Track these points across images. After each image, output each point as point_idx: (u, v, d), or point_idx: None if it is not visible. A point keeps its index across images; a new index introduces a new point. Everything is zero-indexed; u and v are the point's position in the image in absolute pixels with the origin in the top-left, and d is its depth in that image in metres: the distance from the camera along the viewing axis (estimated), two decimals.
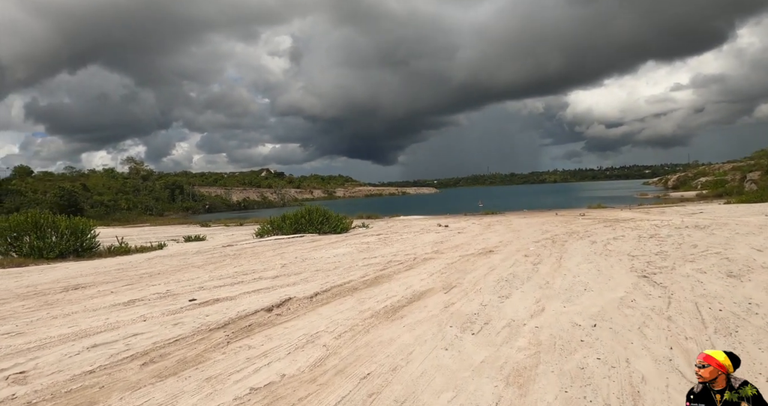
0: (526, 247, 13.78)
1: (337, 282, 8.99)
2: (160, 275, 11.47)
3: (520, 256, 11.83)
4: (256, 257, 14.06)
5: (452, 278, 8.89)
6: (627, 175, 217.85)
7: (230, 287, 9.10)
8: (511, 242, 15.51)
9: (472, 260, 11.39)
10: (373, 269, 10.46)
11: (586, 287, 7.77)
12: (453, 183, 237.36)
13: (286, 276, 10.14)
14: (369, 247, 15.65)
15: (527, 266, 10.19)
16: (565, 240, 15.12)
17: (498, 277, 8.87)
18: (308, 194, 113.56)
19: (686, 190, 64.83)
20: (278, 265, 12.01)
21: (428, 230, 22.37)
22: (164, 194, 64.12)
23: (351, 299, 7.50)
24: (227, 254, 15.60)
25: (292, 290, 8.38)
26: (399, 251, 13.92)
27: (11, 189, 52.24)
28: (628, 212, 29.16)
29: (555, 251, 12.41)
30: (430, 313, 6.37)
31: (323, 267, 11.27)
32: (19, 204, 49.04)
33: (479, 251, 12.98)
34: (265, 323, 6.31)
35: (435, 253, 13.22)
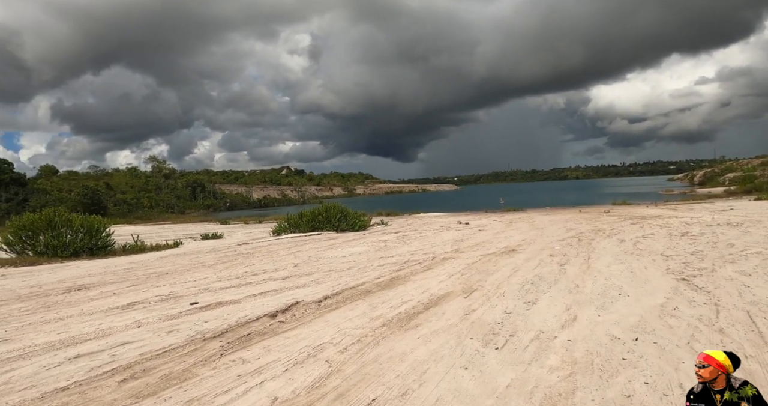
0: (550, 246, 12.99)
1: (350, 284, 8.36)
2: (168, 275, 10.99)
3: (545, 255, 11.07)
4: (269, 256, 13.53)
5: (473, 280, 8.19)
6: (651, 171, 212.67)
7: (236, 289, 8.54)
8: (534, 240, 14.72)
9: (494, 259, 10.67)
10: (389, 270, 9.82)
11: (620, 292, 7.01)
12: (473, 180, 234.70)
13: (296, 277, 9.55)
14: (386, 245, 15.01)
15: (553, 267, 9.44)
16: (592, 238, 14.29)
17: (522, 279, 8.15)
18: (328, 192, 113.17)
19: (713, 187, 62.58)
20: (290, 265, 11.45)
21: (448, 227, 21.65)
22: (186, 192, 64.30)
23: (362, 304, 6.86)
24: (240, 252, 15.11)
25: (301, 293, 7.78)
26: (417, 250, 13.25)
27: (37, 188, 52.88)
28: (655, 208, 27.98)
29: (582, 251, 11.62)
30: (448, 321, 5.69)
31: (337, 267, 10.67)
32: (45, 203, 49.41)
33: (501, 250, 12.24)
34: (266, 331, 5.71)
35: (455, 252, 12.51)
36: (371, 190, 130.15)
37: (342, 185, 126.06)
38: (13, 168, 53.48)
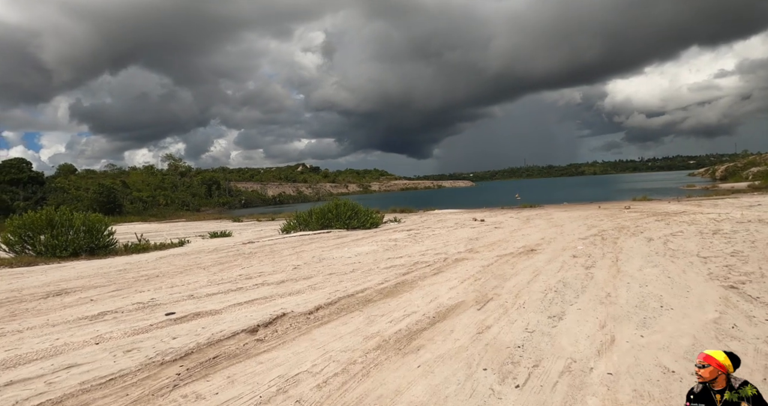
0: (572, 245, 11.86)
1: (349, 291, 7.36)
2: (158, 278, 10.12)
3: (567, 256, 9.96)
4: (271, 257, 12.59)
5: (488, 287, 7.13)
6: (670, 166, 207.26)
7: (224, 296, 7.60)
8: (554, 238, 13.58)
9: (512, 261, 9.58)
10: (395, 273, 8.80)
11: (661, 303, 5.89)
12: (489, 176, 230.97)
13: (293, 281, 8.58)
14: (396, 244, 13.98)
15: (578, 270, 8.32)
16: (617, 237, 13.13)
17: (545, 285, 7.06)
18: (343, 189, 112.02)
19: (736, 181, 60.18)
20: (290, 266, 10.49)
21: (463, 224, 20.54)
22: (201, 190, 63.84)
23: (358, 317, 5.84)
24: (242, 252, 14.21)
25: (293, 302, 6.80)
26: (428, 250, 12.21)
27: (55, 187, 52.89)
28: (677, 204, 26.51)
29: (608, 251, 10.49)
30: (456, 343, 4.64)
31: (339, 270, 9.68)
32: (62, 201, 49.46)
33: (519, 250, 11.15)
34: (237, 353, 4.72)
35: (469, 252, 11.45)
36: (386, 186, 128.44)
37: (357, 182, 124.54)
38: (31, 167, 53.61)
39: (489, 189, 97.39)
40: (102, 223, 17.01)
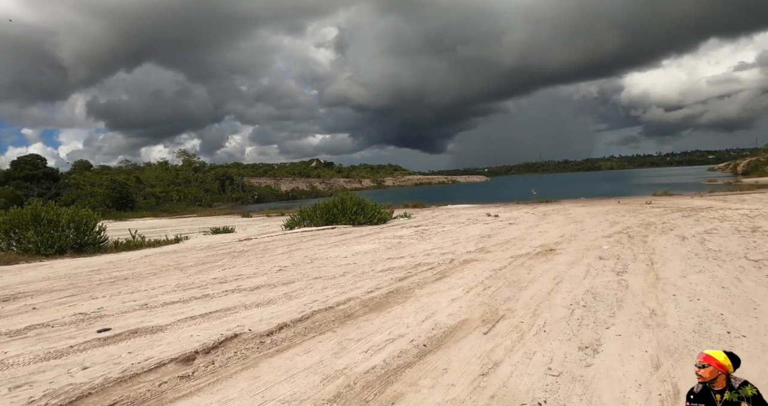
0: (596, 244, 10.37)
1: (330, 301, 5.99)
2: (126, 280, 8.87)
3: (592, 258, 8.48)
4: (260, 256, 11.29)
5: (499, 298, 5.69)
6: (689, 161, 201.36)
7: (182, 306, 6.29)
8: (575, 236, 12.08)
9: (528, 264, 8.12)
10: (391, 278, 7.40)
11: (726, 327, 4.42)
12: (504, 171, 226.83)
13: (269, 288, 7.24)
14: (401, 242, 12.59)
15: (608, 275, 6.85)
16: (645, 235, 11.59)
17: (570, 298, 5.60)
18: (357, 184, 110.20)
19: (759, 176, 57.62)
20: (275, 268, 9.16)
21: (475, 220, 19.07)
22: (214, 185, 62.88)
23: (329, 342, 4.46)
24: (234, 250, 12.93)
25: (256, 316, 5.46)
26: (434, 249, 10.80)
27: (69, 183, 52.46)
28: (701, 199, 24.72)
29: (639, 251, 8.99)
30: (449, 393, 3.21)
31: (328, 273, 8.33)
32: (76, 197, 49.03)
33: (536, 250, 9.68)
34: (145, 398, 3.38)
35: (479, 251, 10.02)
36: (400, 181, 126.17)
37: (371, 177, 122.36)
38: (46, 163, 53.18)
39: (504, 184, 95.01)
40: (92, 219, 15.91)
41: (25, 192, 48.66)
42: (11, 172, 51.29)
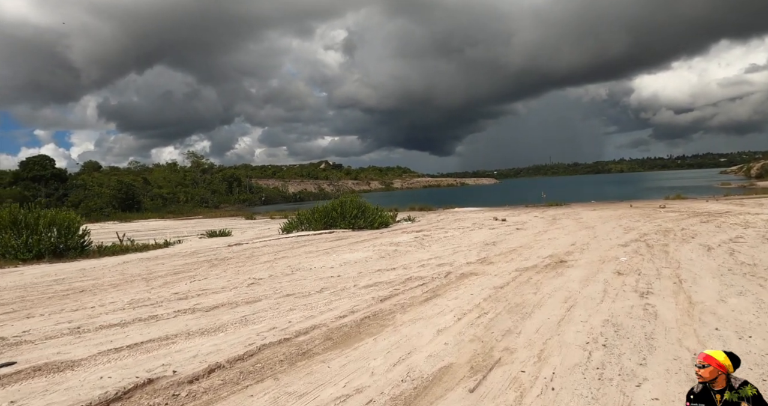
0: (612, 254, 9.16)
1: (290, 330, 4.85)
2: (83, 293, 7.86)
3: (609, 272, 7.26)
4: (241, 265, 10.20)
5: (496, 332, 4.49)
6: (700, 164, 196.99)
7: (116, 332, 5.20)
8: (587, 244, 10.86)
9: (535, 279, 6.92)
10: (373, 297, 6.24)
11: None
12: (513, 174, 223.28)
13: (229, 308, 6.12)
14: (397, 250, 11.44)
15: (630, 297, 5.63)
16: (665, 244, 10.35)
17: (585, 331, 4.39)
18: (365, 186, 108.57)
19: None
20: (248, 281, 8.04)
21: (481, 225, 17.86)
22: (222, 187, 61.91)
23: (258, 401, 3.31)
24: (216, 257, 11.87)
25: (191, 351, 4.34)
26: (431, 259, 9.64)
27: (77, 183, 51.94)
28: (717, 203, 23.33)
29: (662, 265, 7.77)
30: None
31: (305, 288, 7.20)
32: (83, 197, 48.46)
33: (545, 262, 8.49)
34: None
35: (480, 263, 8.84)
36: (409, 184, 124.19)
37: (379, 179, 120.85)
38: (54, 164, 52.70)
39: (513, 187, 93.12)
40: (74, 222, 14.95)
41: (33, 193, 48.16)
42: (20, 172, 50.86)
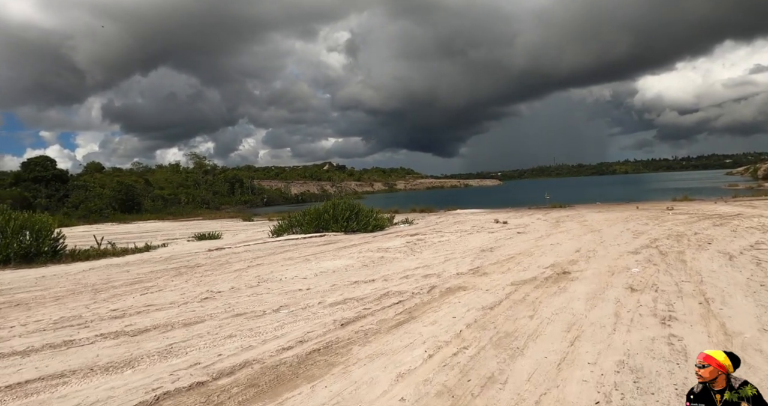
0: (622, 264, 8.03)
1: (213, 368, 3.75)
2: (18, 307, 6.89)
3: (620, 288, 6.11)
4: (207, 275, 9.12)
5: (474, 382, 3.34)
6: (705, 165, 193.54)
7: (8, 364, 4.14)
8: (593, 251, 9.72)
9: (532, 297, 5.77)
10: (335, 319, 5.13)
11: None
12: (517, 175, 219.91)
13: (161, 331, 5.03)
14: (383, 257, 10.32)
15: (649, 325, 4.48)
16: (680, 251, 9.20)
17: (594, 382, 3.24)
18: (368, 187, 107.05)
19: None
20: (204, 295, 6.96)
21: (481, 227, 16.71)
22: (224, 188, 60.87)
23: None
24: (186, 265, 10.81)
25: (71, 400, 3.24)
26: (418, 268, 8.53)
27: (79, 184, 51.12)
28: (726, 205, 22.02)
29: (681, 278, 6.65)
30: None
31: (263, 304, 6.11)
32: (84, 199, 47.61)
33: (546, 273, 7.35)
34: None
35: (472, 274, 7.71)
36: (412, 185, 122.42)
37: (383, 180, 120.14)
38: (55, 165, 51.86)
39: (517, 188, 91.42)
40: (45, 225, 13.91)
41: (33, 194, 47.38)
42: (21, 173, 50.05)
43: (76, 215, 42.93)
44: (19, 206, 45.20)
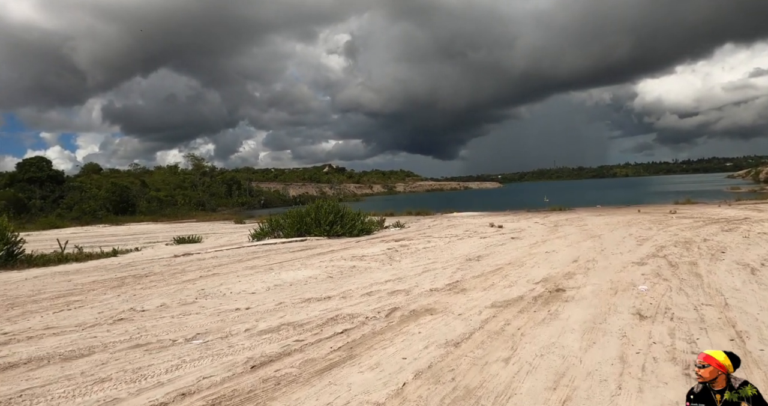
0: (626, 278, 6.85)
1: None
2: None
3: (626, 314, 4.91)
4: (152, 286, 7.93)
5: None
6: (706, 168, 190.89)
7: None
8: (593, 260, 8.52)
9: (514, 326, 4.54)
10: (248, 357, 3.93)
11: None
12: (518, 178, 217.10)
13: (20, 373, 3.83)
14: (355, 267, 9.13)
15: (669, 380, 3.26)
16: (693, 262, 8.02)
17: None
18: (368, 189, 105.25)
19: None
20: (124, 314, 5.76)
21: (474, 231, 15.53)
22: (221, 190, 59.80)
23: None
24: (137, 274, 9.63)
25: None
26: (388, 282, 7.34)
27: (74, 186, 50.08)
28: (730, 208, 20.83)
29: (699, 298, 5.48)
30: None
31: (180, 331, 4.91)
32: (78, 200, 46.52)
33: (535, 291, 6.12)
34: None
35: (449, 290, 6.50)
36: (412, 187, 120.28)
37: (382, 183, 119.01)
38: (51, 166, 50.83)
39: (517, 191, 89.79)
40: (2, 229, 12.75)
41: (27, 195, 46.36)
42: (16, 174, 49.05)
43: (70, 216, 41.88)
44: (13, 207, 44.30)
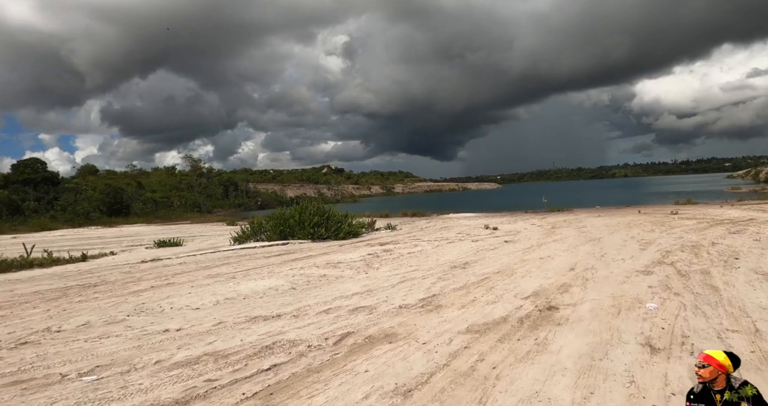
0: (631, 291, 5.92)
1: None
2: None
3: (633, 344, 4.04)
4: (92, 299, 6.99)
5: None
6: (705, 168, 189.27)
7: None
8: (592, 269, 7.57)
9: (489, 362, 3.57)
10: (137, 404, 2.95)
11: None
12: (517, 178, 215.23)
13: None
14: (326, 276, 8.19)
15: None
16: (704, 270, 7.12)
17: None
18: (366, 190, 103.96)
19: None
20: (35, 335, 4.81)
21: (467, 234, 14.59)
22: (218, 191, 58.81)
23: None
24: (86, 283, 8.68)
25: None
26: (354, 296, 6.42)
27: (69, 187, 49.19)
28: (733, 208, 19.91)
29: (721, 323, 4.66)
30: None
31: (85, 359, 3.97)
32: (73, 201, 45.61)
33: (523, 309, 5.16)
34: None
35: (421, 307, 5.55)
36: (410, 188, 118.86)
37: (380, 184, 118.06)
38: (46, 167, 49.92)
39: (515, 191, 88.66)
40: None
41: (22, 196, 45.48)
42: (11, 176, 48.17)
43: (64, 218, 40.98)
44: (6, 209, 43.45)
